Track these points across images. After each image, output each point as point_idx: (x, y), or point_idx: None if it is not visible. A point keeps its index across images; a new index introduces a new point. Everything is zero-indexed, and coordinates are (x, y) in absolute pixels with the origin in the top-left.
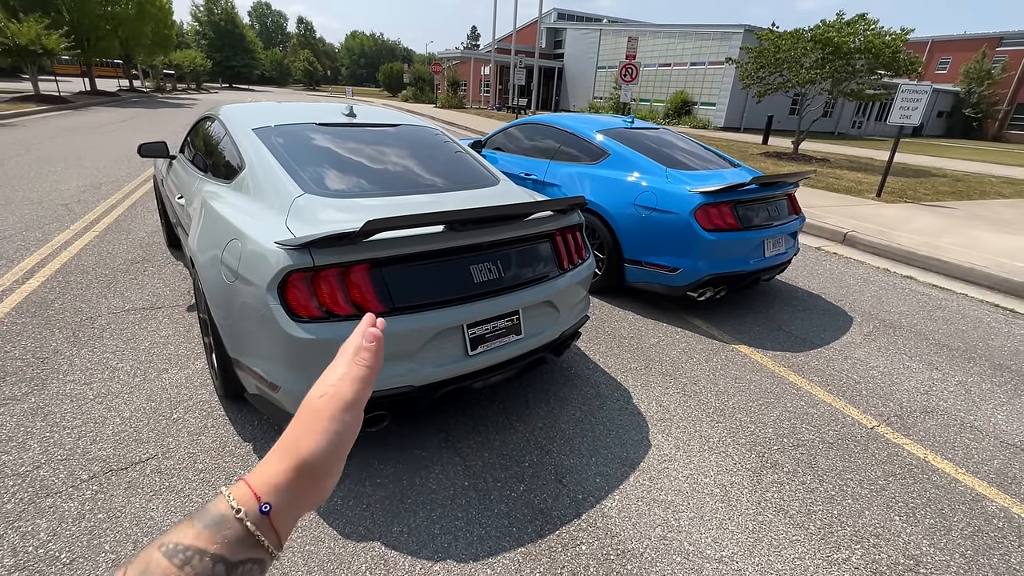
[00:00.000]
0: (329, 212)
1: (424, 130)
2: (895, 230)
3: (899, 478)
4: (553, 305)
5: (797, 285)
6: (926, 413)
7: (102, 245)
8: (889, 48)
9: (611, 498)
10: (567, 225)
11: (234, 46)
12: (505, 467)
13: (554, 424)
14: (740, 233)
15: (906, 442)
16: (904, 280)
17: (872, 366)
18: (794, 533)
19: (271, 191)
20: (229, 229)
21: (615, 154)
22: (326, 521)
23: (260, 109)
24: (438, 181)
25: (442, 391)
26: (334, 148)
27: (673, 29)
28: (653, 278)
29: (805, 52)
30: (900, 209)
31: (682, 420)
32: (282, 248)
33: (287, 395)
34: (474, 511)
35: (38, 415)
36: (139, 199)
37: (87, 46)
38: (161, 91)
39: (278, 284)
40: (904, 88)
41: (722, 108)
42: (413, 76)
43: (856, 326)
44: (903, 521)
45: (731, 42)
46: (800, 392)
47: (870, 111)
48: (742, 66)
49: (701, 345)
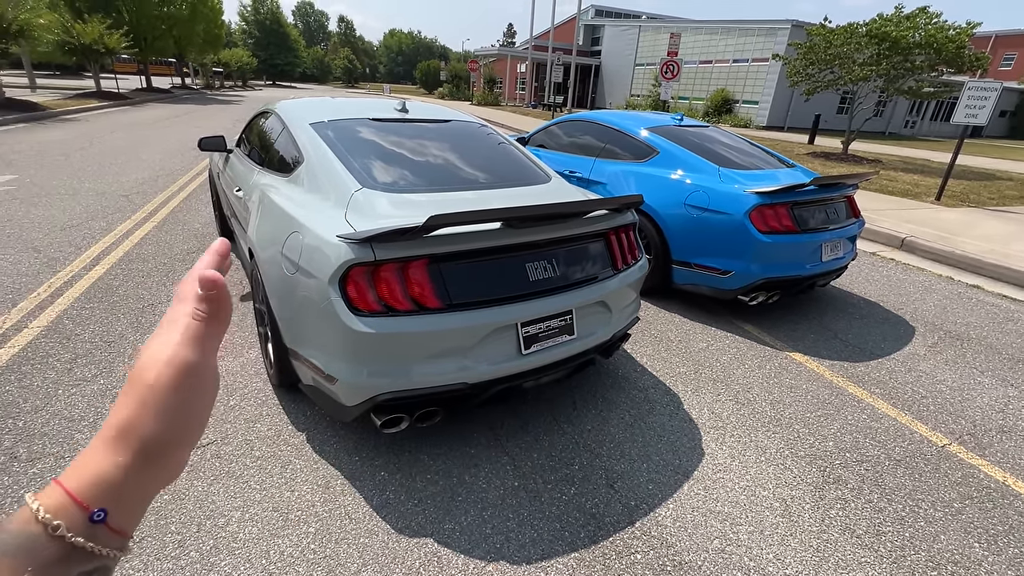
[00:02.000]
0: (386, 207)
1: (474, 126)
2: (958, 236)
3: (976, 502)
4: (606, 306)
5: (852, 292)
6: (1003, 433)
7: (160, 235)
8: (953, 43)
9: (665, 506)
10: (621, 224)
11: (278, 44)
12: (555, 469)
13: (603, 427)
14: (797, 236)
15: (982, 463)
16: (970, 289)
17: (939, 380)
18: (863, 555)
19: (329, 185)
20: (289, 222)
21: (664, 152)
22: (379, 514)
23: (316, 104)
24: (491, 177)
25: (494, 389)
26: (388, 143)
27: (715, 25)
28: (702, 280)
29: (859, 47)
30: (962, 213)
31: (736, 429)
32: (344, 242)
33: (344, 387)
34: (525, 512)
35: (107, 396)
36: (193, 192)
37: (144, 45)
38: (210, 88)
39: (339, 278)
40: (971, 85)
41: (765, 106)
42: (449, 73)
43: (919, 337)
44: (983, 549)
45: (776, 38)
46: (861, 404)
47: (924, 110)
48: (790, 63)
49: (752, 351)
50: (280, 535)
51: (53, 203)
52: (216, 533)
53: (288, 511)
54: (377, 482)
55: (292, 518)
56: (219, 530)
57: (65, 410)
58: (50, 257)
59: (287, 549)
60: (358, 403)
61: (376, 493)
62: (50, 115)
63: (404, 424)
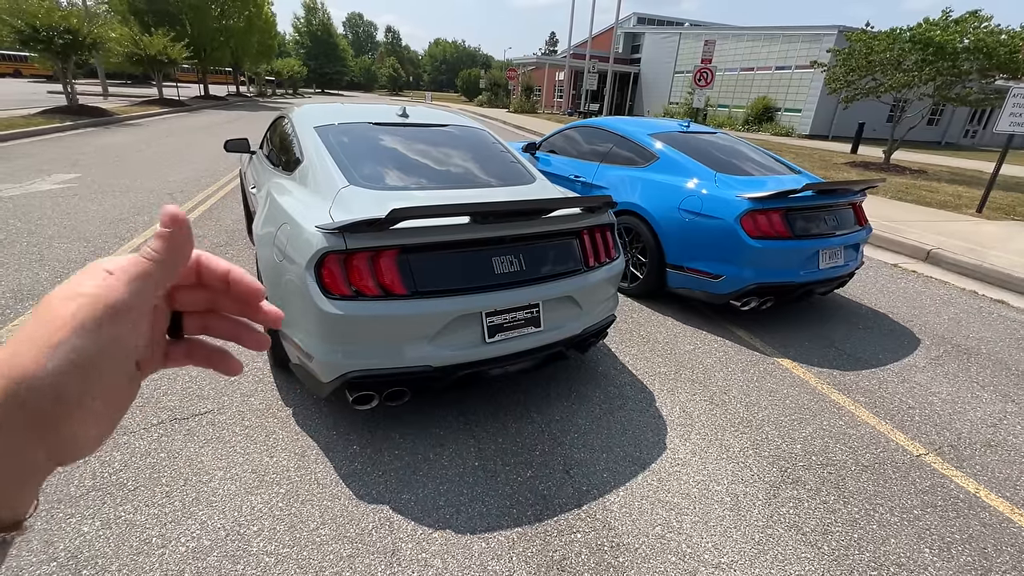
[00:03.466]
0: (367, 202)
1: (472, 130)
2: (991, 249)
3: (939, 510)
4: (575, 301)
5: (861, 302)
6: (988, 447)
7: (195, 230)
8: (1006, 48)
9: (615, 493)
10: (596, 224)
11: (328, 54)
12: (516, 453)
13: (571, 419)
14: (790, 242)
15: (956, 474)
16: (993, 304)
17: (933, 392)
18: (804, 551)
19: (322, 182)
20: (283, 214)
21: (664, 157)
22: (345, 482)
23: (324, 109)
24: (476, 177)
25: (459, 374)
26: (383, 144)
27: (757, 32)
28: (695, 284)
29: (903, 53)
30: (1003, 227)
31: (704, 427)
32: (320, 231)
33: (319, 365)
34: (480, 489)
35: None
36: (230, 191)
37: (204, 56)
38: (262, 96)
39: (315, 263)
40: (1016, 92)
41: (808, 114)
42: (489, 81)
43: (922, 349)
44: (933, 555)
45: (822, 44)
46: (841, 411)
47: (986, 119)
48: (829, 69)
49: (740, 356)
50: (254, 493)
51: (107, 199)
52: (199, 488)
53: (264, 473)
54: (348, 454)
55: (267, 479)
56: (202, 485)
57: None
58: (97, 247)
59: (257, 505)
60: (331, 379)
61: (346, 463)
62: (116, 120)
63: (374, 402)
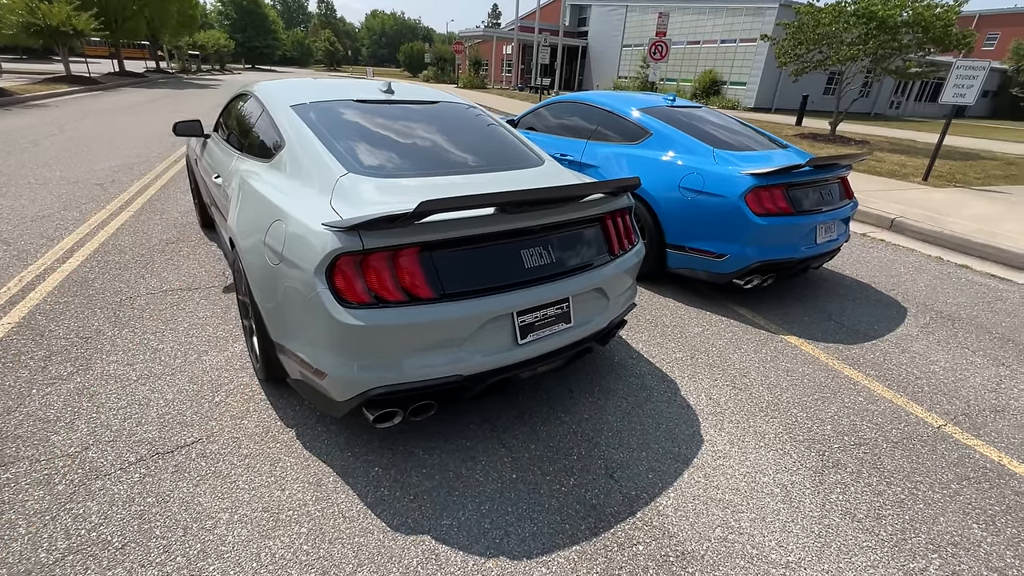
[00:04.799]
0: (374, 192)
1: (463, 107)
2: (947, 216)
3: (974, 482)
4: (604, 293)
5: (844, 273)
6: (996, 412)
7: (137, 225)
8: (940, 21)
9: (665, 495)
10: (617, 208)
11: (256, 26)
12: (553, 460)
13: (600, 416)
14: (793, 218)
15: (977, 443)
16: (959, 269)
17: (932, 360)
18: (864, 539)
19: (312, 170)
20: (272, 210)
21: (657, 134)
22: (374, 512)
23: (297, 85)
24: (482, 161)
25: (490, 381)
26: (374, 126)
27: (703, 5)
28: (697, 264)
29: (847, 27)
30: (950, 194)
31: (734, 414)
32: (330, 230)
33: (334, 382)
34: (524, 506)
35: (84, 395)
36: (171, 179)
37: (115, 27)
38: (186, 72)
39: (326, 268)
40: (959, 65)
41: (753, 88)
42: (434, 56)
43: (911, 317)
44: (982, 529)
45: (764, 18)
46: (857, 387)
47: (909, 91)
48: (778, 43)
49: (748, 335)
50: (271, 536)
51: (22, 193)
52: (203, 536)
53: (279, 511)
54: (371, 478)
55: (283, 519)
56: (206, 533)
57: (40, 411)
58: (20, 250)
59: (279, 551)
60: (349, 398)
61: (370, 490)
62: (17, 101)
63: (398, 419)
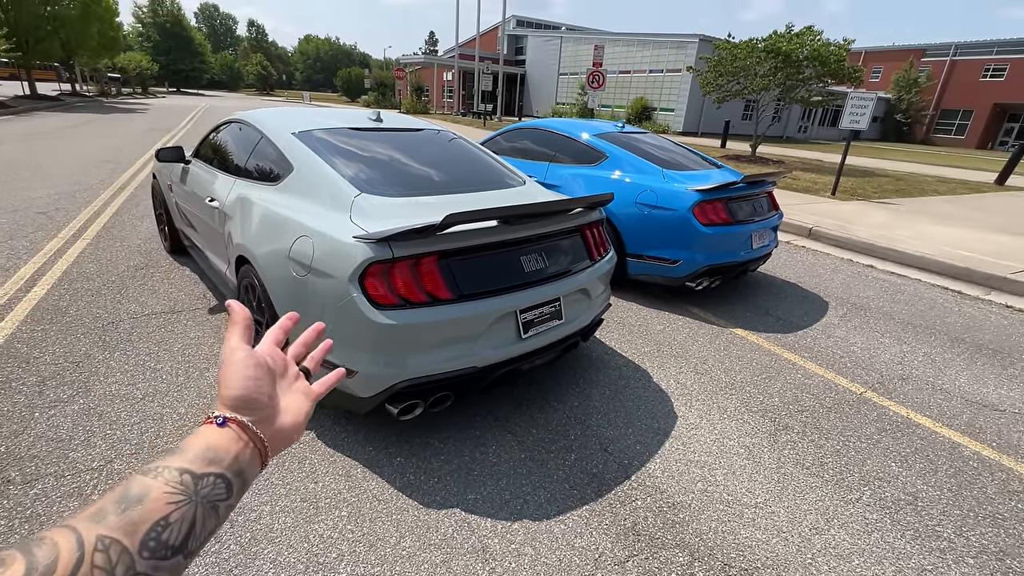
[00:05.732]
0: (389, 209)
1: (446, 134)
2: (853, 224)
3: (890, 433)
4: (587, 292)
5: (776, 275)
6: (903, 380)
7: (99, 252)
8: (835, 57)
9: (653, 461)
10: (593, 220)
11: (181, 49)
12: (554, 440)
13: (588, 402)
14: (732, 227)
15: (890, 404)
16: (866, 268)
17: (851, 342)
18: (812, 481)
19: (326, 191)
20: (294, 227)
21: (613, 156)
22: (405, 493)
23: (292, 114)
24: (473, 181)
25: (499, 372)
26: (372, 151)
27: (631, 38)
28: (655, 270)
29: (759, 61)
30: (854, 206)
31: (700, 394)
32: (362, 242)
33: (363, 379)
34: (536, 478)
35: (93, 415)
36: (122, 206)
37: (27, 48)
38: (106, 95)
39: (360, 275)
40: (853, 96)
41: (680, 113)
42: (375, 81)
43: (832, 309)
44: (899, 467)
45: (687, 50)
46: (795, 367)
47: (814, 116)
48: (702, 75)
49: (703, 330)
50: (315, 521)
51: None
52: (251, 527)
53: (317, 500)
54: (395, 467)
55: (323, 506)
56: (252, 524)
57: (49, 431)
58: None
59: (325, 532)
60: (376, 393)
61: (397, 476)
62: None
63: (419, 410)
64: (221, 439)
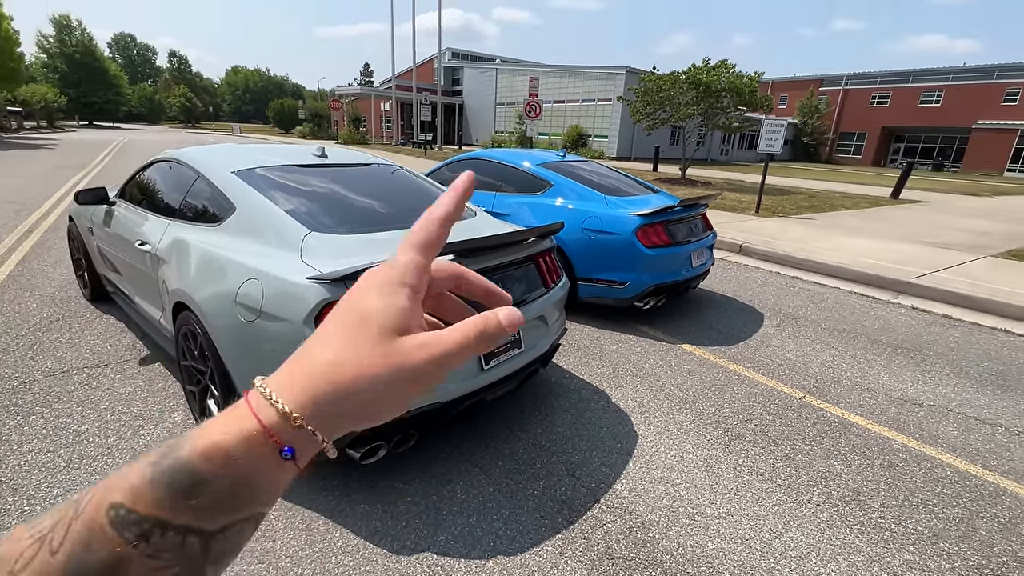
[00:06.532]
0: (341, 247)
1: (393, 168)
2: (777, 240)
3: (829, 434)
4: (544, 320)
5: (715, 291)
6: (835, 382)
7: (5, 304)
8: (748, 87)
9: (619, 482)
10: (545, 248)
11: (94, 80)
12: (521, 470)
13: (551, 428)
14: (673, 248)
15: (827, 406)
16: (792, 280)
17: (787, 350)
18: (767, 487)
19: (273, 231)
20: (240, 270)
21: (557, 184)
22: (372, 542)
23: (229, 152)
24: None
25: (464, 405)
26: (319, 188)
27: (563, 69)
28: (604, 292)
29: (682, 91)
30: (776, 222)
31: (657, 411)
32: (316, 283)
33: None
34: (506, 512)
35: (6, 490)
36: (31, 251)
37: None
38: (4, 130)
39: (315, 316)
40: (767, 122)
41: (614, 140)
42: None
43: (767, 320)
44: (841, 465)
45: (615, 81)
46: (741, 377)
47: (734, 140)
48: (631, 104)
49: (654, 348)
50: None
51: None
52: None
53: (277, 560)
54: (360, 514)
55: (283, 566)
56: None
57: None
58: None
59: None
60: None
61: (363, 524)
62: None
63: (382, 452)
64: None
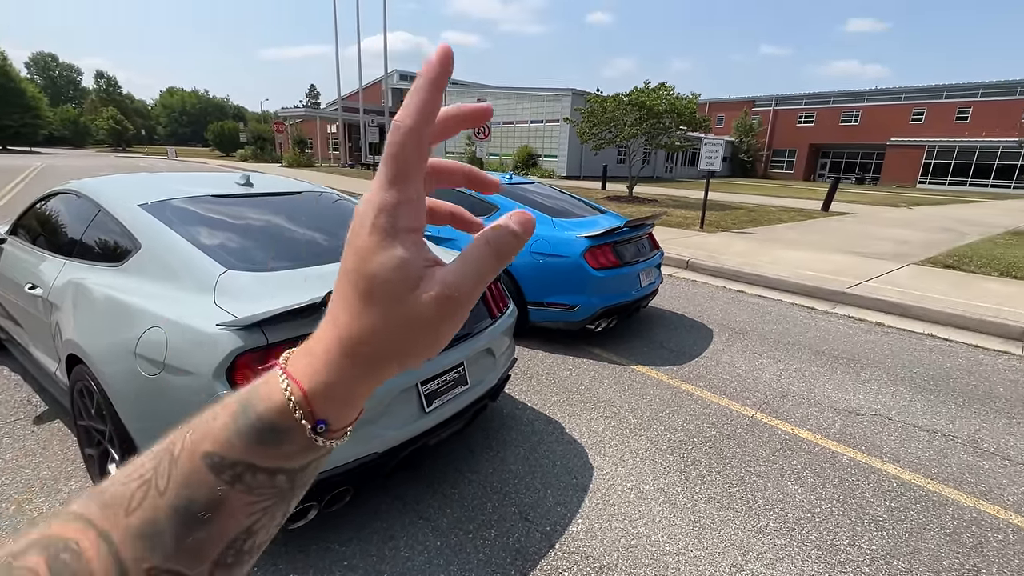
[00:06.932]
0: (260, 287)
1: (327, 196)
2: (722, 254)
3: (781, 452)
4: (491, 352)
5: (664, 308)
6: (783, 397)
7: None
8: (687, 108)
9: (575, 523)
10: None
11: (8, 102)
12: (471, 518)
13: (503, 467)
14: (621, 269)
15: (778, 422)
16: (738, 294)
17: (737, 366)
18: (724, 515)
19: (184, 271)
20: (140, 316)
21: (504, 208)
22: None
23: (136, 182)
24: None
25: (404, 452)
26: (240, 220)
27: (511, 91)
28: (555, 316)
29: (626, 113)
30: (720, 237)
31: (611, 439)
32: (227, 330)
33: None
34: (455, 568)
35: None
36: None
37: None
38: None
39: (227, 368)
40: (706, 141)
41: (563, 159)
42: (251, 135)
43: (716, 336)
44: (794, 485)
45: (562, 102)
46: (693, 397)
47: (677, 158)
48: (577, 125)
49: (606, 371)
50: None
51: None
52: None
53: None
54: None
55: None
56: None
57: None
58: None
59: None
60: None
61: None
62: None
63: (312, 513)
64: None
